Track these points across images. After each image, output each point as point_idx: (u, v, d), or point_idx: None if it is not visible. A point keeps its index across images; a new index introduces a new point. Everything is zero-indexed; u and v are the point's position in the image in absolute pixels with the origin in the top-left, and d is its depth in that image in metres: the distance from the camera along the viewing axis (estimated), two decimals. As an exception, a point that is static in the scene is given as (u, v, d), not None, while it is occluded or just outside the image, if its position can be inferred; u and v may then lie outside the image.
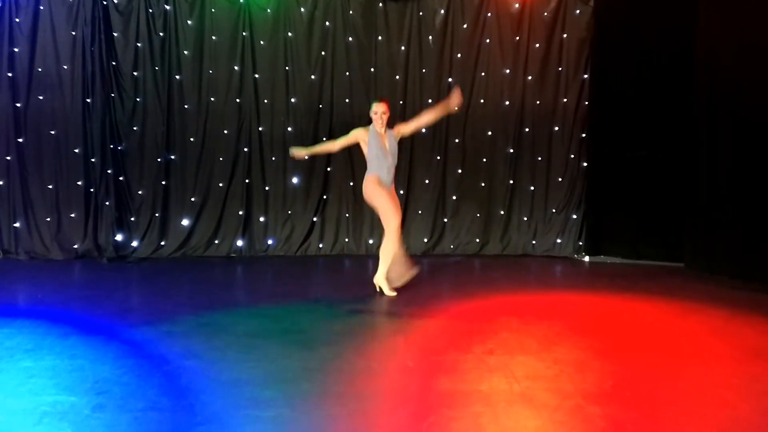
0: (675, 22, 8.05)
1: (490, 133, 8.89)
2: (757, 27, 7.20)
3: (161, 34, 8.36)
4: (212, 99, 8.51)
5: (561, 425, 3.53)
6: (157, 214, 8.46)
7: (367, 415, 3.68)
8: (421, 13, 8.74)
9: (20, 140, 8.15)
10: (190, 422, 3.49)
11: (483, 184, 8.93)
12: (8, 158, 8.14)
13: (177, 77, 8.43)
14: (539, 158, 8.92)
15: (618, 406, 3.80)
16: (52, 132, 8.19)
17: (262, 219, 8.70)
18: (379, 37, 8.72)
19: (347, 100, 8.69)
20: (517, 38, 8.80)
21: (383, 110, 6.41)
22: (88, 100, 8.20)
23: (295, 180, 8.70)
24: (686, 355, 4.80)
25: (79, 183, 8.26)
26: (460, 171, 8.91)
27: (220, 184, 8.58)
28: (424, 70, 8.80)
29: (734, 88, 7.41)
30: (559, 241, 8.95)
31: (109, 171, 8.24)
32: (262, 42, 8.56)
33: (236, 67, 8.53)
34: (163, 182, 8.47)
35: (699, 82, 7.79)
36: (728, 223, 7.50)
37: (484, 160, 8.92)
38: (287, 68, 8.63)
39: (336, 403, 3.80)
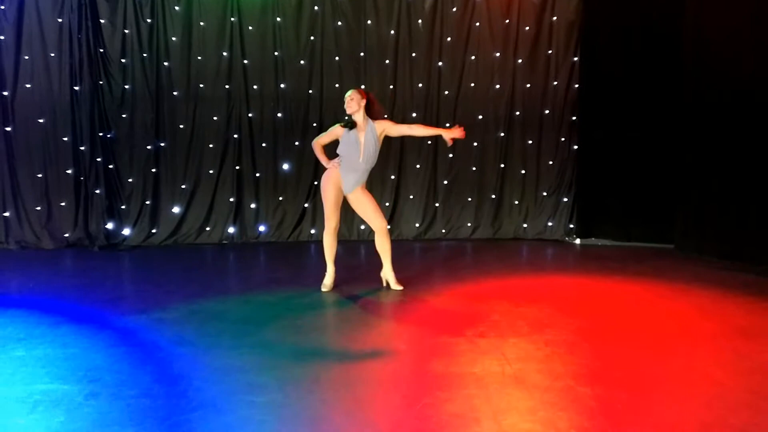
0: (663, 4, 8.05)
1: (480, 116, 8.89)
2: (744, 8, 7.20)
3: (149, 20, 8.29)
4: (201, 85, 8.46)
5: (552, 406, 3.56)
6: (147, 202, 8.44)
7: (360, 399, 3.70)
8: (410, -3, 8.71)
9: (8, 129, 8.09)
10: (183, 408, 3.50)
11: (474, 168, 8.94)
12: (-4, 147, 8.09)
13: (165, 64, 8.38)
14: (530, 141, 8.94)
15: (608, 386, 3.84)
16: (41, 120, 8.14)
17: (253, 205, 8.69)
18: (369, 21, 8.68)
19: (337, 85, 8.66)
20: (507, 21, 8.78)
21: (350, 97, 5.88)
22: (76, 88, 8.14)
23: (285, 166, 8.68)
24: (675, 335, 4.84)
25: (69, 171, 8.22)
26: (451, 155, 8.91)
27: (211, 171, 8.55)
28: (414, 54, 8.77)
29: (723, 70, 7.42)
30: (550, 224, 8.98)
31: (98, 159, 8.20)
32: (250, 27, 8.50)
33: (225, 53, 8.48)
34: (153, 170, 8.44)
35: (688, 64, 7.80)
36: (717, 204, 7.55)
37: (475, 144, 8.92)
38: (276, 53, 8.59)
39: (329, 387, 3.82)
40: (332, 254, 6.16)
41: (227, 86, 8.52)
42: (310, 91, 8.67)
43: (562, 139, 8.92)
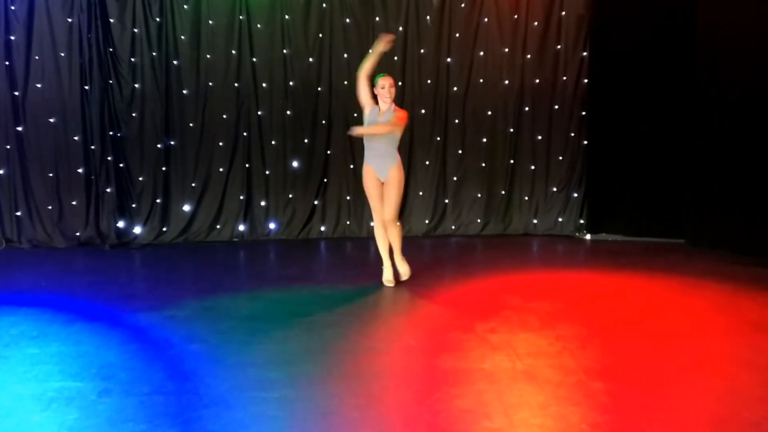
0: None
1: (489, 112, 8.86)
2: (758, 2, 7.15)
3: (158, 19, 8.30)
4: (210, 84, 8.47)
5: (564, 401, 3.56)
6: (158, 200, 8.47)
7: (371, 394, 3.71)
8: (418, -7, 8.68)
9: (19, 129, 8.13)
10: (195, 405, 3.52)
11: (483, 164, 8.91)
12: (8, 147, 8.12)
13: (175, 62, 8.40)
14: (539, 137, 8.90)
15: (620, 381, 3.83)
16: (51, 120, 8.17)
17: (263, 203, 8.70)
18: (377, 18, 8.66)
19: (346, 82, 8.64)
20: (516, 16, 8.74)
21: (391, 83, 5.99)
22: (87, 87, 8.17)
23: (295, 163, 8.69)
24: (688, 330, 4.82)
25: (80, 170, 8.25)
26: (460, 151, 8.89)
27: (221, 169, 8.57)
28: (422, 51, 8.75)
29: (737, 64, 7.37)
30: (560, 219, 8.95)
31: (109, 158, 8.23)
32: (259, 25, 8.51)
33: (234, 51, 8.49)
34: (164, 168, 8.46)
35: (700, 58, 7.74)
36: (729, 199, 7.51)
37: (484, 140, 8.89)
38: (285, 51, 8.59)
39: (340, 382, 3.83)
40: (386, 248, 6.16)
41: (236, 84, 8.53)
42: (319, 89, 8.67)
43: (572, 134, 8.87)
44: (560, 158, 8.90)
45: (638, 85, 8.22)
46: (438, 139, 8.86)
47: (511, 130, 8.88)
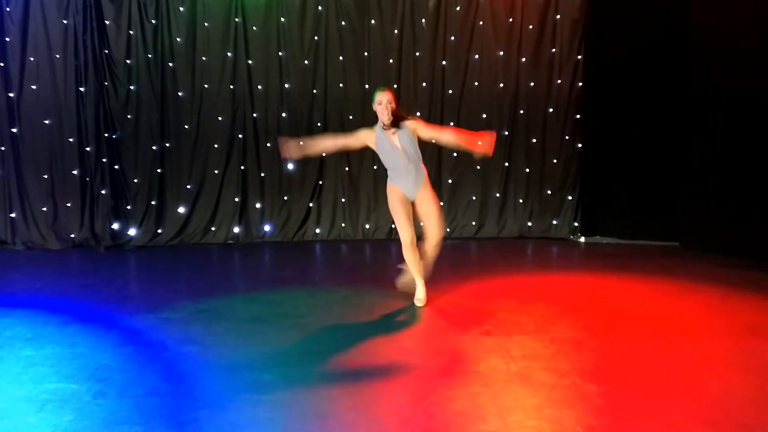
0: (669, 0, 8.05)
1: (484, 115, 8.88)
2: (752, 4, 7.19)
3: (153, 21, 8.31)
4: (206, 86, 8.47)
5: (558, 403, 3.57)
6: (153, 202, 8.46)
7: (365, 396, 3.71)
8: (413, -4, 8.70)
9: (14, 130, 8.13)
10: (190, 407, 3.52)
11: (478, 167, 8.93)
12: (2, 148, 8.12)
13: (170, 64, 8.39)
14: (534, 140, 8.92)
15: (614, 383, 3.85)
16: (46, 121, 8.17)
17: (258, 205, 8.70)
18: (372, 21, 8.68)
19: (341, 85, 8.66)
20: (511, 20, 8.76)
21: (389, 99, 5.42)
22: (82, 89, 8.17)
23: (290, 166, 8.70)
24: (682, 332, 4.84)
25: (75, 172, 8.25)
26: (455, 154, 8.91)
27: (216, 171, 8.57)
28: (417, 54, 8.77)
29: (731, 65, 7.39)
30: (555, 222, 8.97)
31: (104, 159, 8.22)
32: (254, 27, 8.51)
33: (229, 54, 8.50)
34: (159, 170, 8.46)
35: (695, 61, 7.77)
36: (723, 202, 7.54)
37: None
38: (280, 54, 8.60)
39: (335, 384, 3.84)
40: (418, 267, 5.60)
41: (232, 86, 8.54)
42: (315, 91, 8.68)
43: (567, 137, 8.89)
44: (555, 161, 8.92)
45: (633, 87, 8.23)
46: (433, 141, 8.85)
47: (506, 132, 8.90)
